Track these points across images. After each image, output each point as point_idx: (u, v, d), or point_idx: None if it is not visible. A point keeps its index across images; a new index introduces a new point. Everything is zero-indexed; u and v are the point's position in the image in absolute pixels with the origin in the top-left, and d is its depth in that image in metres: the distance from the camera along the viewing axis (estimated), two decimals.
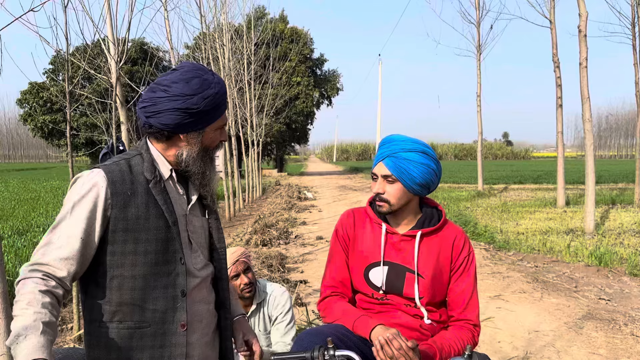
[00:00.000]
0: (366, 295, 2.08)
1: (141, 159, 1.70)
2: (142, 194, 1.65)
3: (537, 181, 25.73)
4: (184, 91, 1.63)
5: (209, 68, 1.77)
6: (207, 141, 1.74)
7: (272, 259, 7.30)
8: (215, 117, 1.72)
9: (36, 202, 15.46)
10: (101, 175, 1.61)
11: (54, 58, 31.51)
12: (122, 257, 1.61)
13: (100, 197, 1.59)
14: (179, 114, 1.64)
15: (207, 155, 1.76)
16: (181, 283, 1.68)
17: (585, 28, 9.60)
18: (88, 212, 1.57)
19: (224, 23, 14.62)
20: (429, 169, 1.99)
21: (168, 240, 1.66)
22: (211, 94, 1.66)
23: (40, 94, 33.71)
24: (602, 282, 6.59)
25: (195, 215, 1.80)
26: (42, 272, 1.50)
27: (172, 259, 1.67)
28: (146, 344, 1.63)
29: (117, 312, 1.61)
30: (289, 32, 37.28)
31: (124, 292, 1.61)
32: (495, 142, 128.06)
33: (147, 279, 1.62)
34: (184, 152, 1.71)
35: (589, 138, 9.72)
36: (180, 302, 1.67)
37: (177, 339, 1.67)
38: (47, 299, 1.44)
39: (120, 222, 1.60)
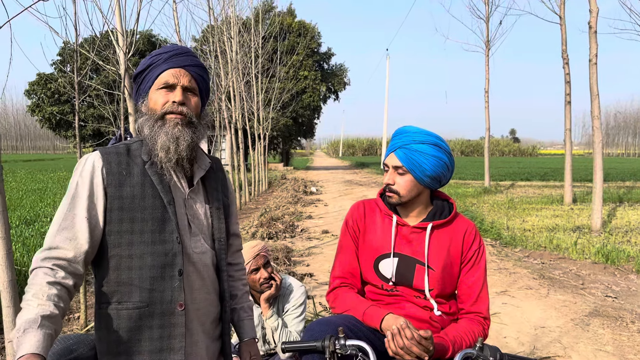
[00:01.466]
0: (375, 286, 2.08)
1: (141, 144, 1.73)
2: (137, 174, 1.67)
3: (544, 178, 25.63)
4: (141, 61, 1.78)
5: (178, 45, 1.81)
6: (151, 104, 1.72)
7: (278, 252, 7.32)
8: (152, 77, 1.72)
9: (44, 193, 15.54)
10: (98, 156, 1.66)
11: (62, 49, 31.60)
12: (119, 236, 1.62)
13: (97, 176, 1.63)
14: (134, 85, 1.76)
15: (151, 118, 1.70)
16: (178, 263, 1.68)
17: (596, 24, 9.52)
18: (88, 191, 1.61)
19: (232, 16, 14.59)
20: (441, 162, 1.98)
21: (164, 220, 1.67)
22: (151, 54, 1.75)
23: (49, 85, 33.82)
24: (608, 279, 6.56)
25: (197, 201, 1.79)
26: (52, 260, 1.53)
27: (169, 239, 1.67)
28: (145, 323, 1.64)
29: (116, 292, 1.63)
30: (296, 26, 37.19)
31: (121, 272, 1.63)
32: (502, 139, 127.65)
33: (144, 258, 1.63)
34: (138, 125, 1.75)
35: (597, 135, 9.66)
36: (177, 281, 1.67)
37: (175, 319, 1.68)
38: (53, 290, 1.47)
39: (116, 200, 1.63)
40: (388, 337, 1.74)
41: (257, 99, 19.32)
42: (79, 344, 1.71)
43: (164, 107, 1.68)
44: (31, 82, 34.81)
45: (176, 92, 1.69)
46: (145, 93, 1.74)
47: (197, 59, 1.79)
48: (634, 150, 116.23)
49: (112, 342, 1.63)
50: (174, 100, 1.68)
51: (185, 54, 1.75)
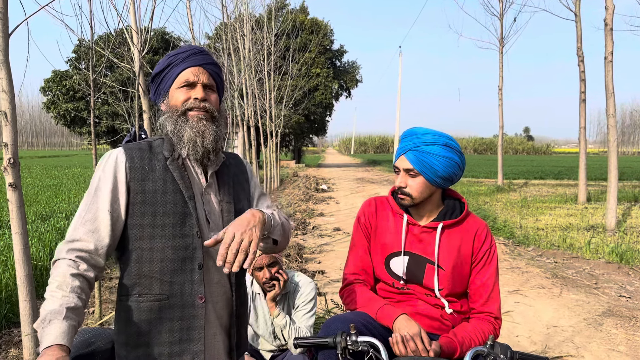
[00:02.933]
0: (387, 284, 2.09)
1: (162, 141, 1.78)
2: (159, 170, 1.71)
3: (558, 177, 25.39)
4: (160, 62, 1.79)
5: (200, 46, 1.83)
6: (172, 101, 1.76)
7: (290, 249, 7.35)
8: (173, 77, 1.76)
9: (59, 189, 15.72)
10: (121, 152, 1.71)
11: (77, 47, 31.87)
12: (141, 229, 1.66)
13: (120, 170, 1.67)
14: (152, 85, 1.77)
15: (174, 114, 1.74)
16: (198, 256, 1.72)
17: (612, 21, 9.41)
18: (111, 185, 1.65)
19: (245, 13, 14.63)
20: (452, 162, 1.97)
21: (185, 214, 1.71)
22: (165, 57, 1.77)
23: (64, 82, 34.14)
24: (622, 279, 6.50)
25: (212, 195, 1.83)
26: (75, 251, 1.57)
27: (189, 233, 1.71)
28: (165, 316, 1.68)
29: (136, 285, 1.67)
30: (309, 23, 37.16)
31: (142, 265, 1.67)
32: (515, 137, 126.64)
33: (165, 251, 1.67)
34: (160, 120, 1.79)
35: (612, 133, 9.56)
36: (197, 275, 1.71)
37: (195, 311, 1.71)
38: (77, 282, 1.51)
39: (139, 194, 1.67)
40: (393, 339, 1.75)
41: (270, 96, 19.35)
42: (96, 337, 1.75)
43: (186, 104, 1.73)
44: (47, 79, 35.17)
45: (197, 89, 1.74)
46: (166, 92, 1.78)
47: (212, 57, 1.84)
48: None
49: (132, 334, 1.67)
50: (196, 97, 1.73)
51: (202, 53, 1.79)
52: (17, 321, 4.57)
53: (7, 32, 2.99)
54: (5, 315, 4.64)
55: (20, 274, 3.17)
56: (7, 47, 3.00)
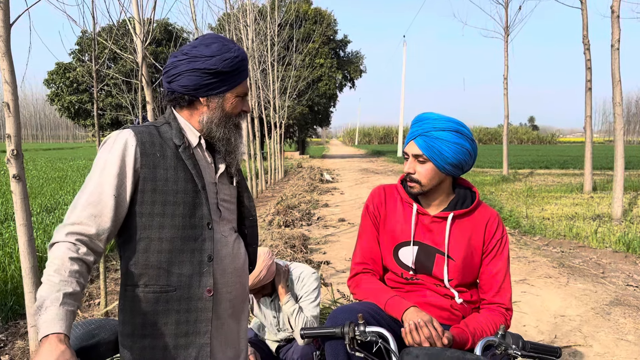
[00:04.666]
0: (395, 274, 2.06)
1: (169, 127, 1.73)
2: (171, 157, 1.67)
3: (563, 166, 25.27)
4: (203, 53, 1.67)
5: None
6: (228, 107, 1.74)
7: (294, 240, 7.33)
8: (235, 83, 1.73)
9: (63, 181, 15.76)
10: (131, 134, 1.64)
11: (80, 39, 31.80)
12: (150, 218, 1.62)
13: (129, 154, 1.61)
14: (198, 74, 1.66)
15: (230, 121, 1.76)
16: (208, 248, 1.69)
17: (619, 8, 9.29)
18: (118, 169, 1.59)
19: (248, 3, 14.54)
20: (463, 149, 1.92)
21: (195, 205, 1.67)
22: (230, 57, 1.68)
23: (67, 74, 34.15)
24: (630, 268, 6.46)
25: (224, 183, 1.81)
26: (75, 235, 1.51)
27: (200, 224, 1.68)
28: (172, 307, 1.65)
29: (143, 275, 1.63)
30: (312, 13, 36.96)
31: (150, 255, 1.63)
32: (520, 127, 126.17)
33: (174, 242, 1.64)
34: (205, 116, 1.73)
35: (618, 122, 9.47)
36: (206, 267, 1.69)
37: (203, 303, 1.69)
38: (75, 266, 1.46)
39: (149, 182, 1.62)
40: (406, 329, 1.73)
41: (273, 87, 19.28)
42: (100, 329, 1.73)
43: (240, 116, 1.80)
44: (50, 71, 35.17)
45: (247, 103, 1.81)
46: (221, 93, 1.73)
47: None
48: None
49: (137, 325, 1.64)
50: (246, 111, 1.81)
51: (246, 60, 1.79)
52: (23, 313, 4.58)
53: (8, 22, 2.96)
54: (11, 307, 4.65)
55: (25, 265, 3.16)
56: (8, 38, 2.96)
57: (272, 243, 7.10)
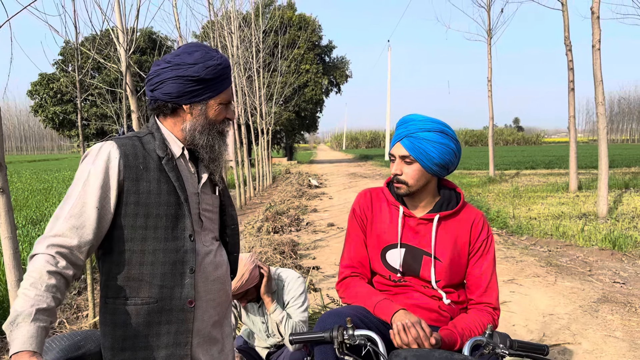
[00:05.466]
0: (383, 276, 2.06)
1: (152, 138, 1.72)
2: (154, 169, 1.66)
3: (548, 166, 25.52)
4: (186, 60, 1.67)
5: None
6: (211, 114, 1.74)
7: (284, 246, 7.32)
8: (218, 90, 1.73)
9: (49, 193, 15.59)
10: (114, 146, 1.63)
11: (63, 49, 31.61)
12: (132, 230, 1.61)
13: (113, 167, 1.60)
14: (181, 82, 1.66)
15: (214, 129, 1.76)
16: (190, 260, 1.68)
17: (599, 9, 9.43)
18: (102, 181, 1.58)
19: (232, 10, 14.54)
20: (448, 149, 1.95)
21: (178, 217, 1.67)
22: (213, 64, 1.69)
23: (51, 85, 33.86)
24: (616, 265, 6.53)
25: (206, 193, 1.81)
26: (56, 247, 1.49)
27: (182, 236, 1.67)
28: (153, 319, 1.64)
29: (124, 287, 1.62)
30: (297, 19, 37.06)
31: (132, 267, 1.62)
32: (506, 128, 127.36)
33: (156, 254, 1.63)
34: (188, 124, 1.73)
35: (601, 121, 9.60)
36: (188, 278, 1.68)
37: (184, 315, 1.68)
38: (53, 280, 1.44)
39: (132, 195, 1.61)
40: (394, 330, 1.73)
41: (259, 93, 19.27)
42: (86, 340, 1.72)
43: (224, 123, 1.80)
44: (33, 82, 34.84)
45: (231, 110, 1.81)
46: (204, 100, 1.72)
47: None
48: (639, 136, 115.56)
49: (117, 338, 1.63)
50: (230, 119, 1.81)
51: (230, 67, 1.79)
52: None
53: None
54: None
55: (10, 279, 3.12)
56: None
57: (261, 250, 7.08)
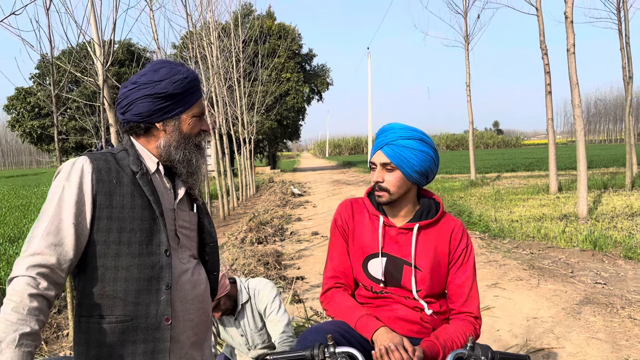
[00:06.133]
0: (365, 288, 2.06)
1: (126, 154, 1.70)
2: (128, 184, 1.64)
3: (529, 168, 25.83)
4: (152, 78, 1.66)
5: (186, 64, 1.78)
6: (185, 128, 1.73)
7: (268, 257, 7.27)
8: (189, 103, 1.72)
9: (27, 209, 15.32)
10: (87, 161, 1.61)
11: (40, 62, 31.24)
12: (105, 246, 1.58)
13: (86, 182, 1.58)
14: (149, 100, 1.65)
15: (190, 142, 1.75)
16: (166, 276, 1.65)
17: (572, 14, 9.60)
18: (76, 197, 1.55)
19: (211, 21, 14.51)
20: (428, 157, 1.97)
21: (153, 232, 1.64)
22: (180, 79, 1.68)
23: (28, 99, 33.43)
24: (597, 266, 6.61)
25: (183, 209, 1.78)
26: (36, 268, 1.46)
27: (157, 251, 1.64)
28: (128, 338, 1.60)
29: (98, 305, 1.58)
30: (276, 28, 37.12)
31: (106, 284, 1.58)
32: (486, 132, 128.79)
33: (130, 270, 1.60)
34: (162, 141, 1.71)
35: (579, 123, 9.74)
36: (164, 295, 1.64)
37: (160, 333, 1.64)
38: (35, 303, 1.42)
39: (105, 209, 1.58)
40: (377, 353, 1.72)
41: (241, 103, 19.23)
42: None
43: (199, 136, 1.78)
44: (10, 97, 34.37)
45: (205, 122, 1.80)
46: (174, 115, 1.71)
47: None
48: (616, 136, 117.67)
49: (91, 357, 1.58)
50: (206, 130, 1.79)
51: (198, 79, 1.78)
52: None
53: None
54: None
55: None
56: None
57: (244, 261, 7.03)
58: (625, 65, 14.32)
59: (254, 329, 2.91)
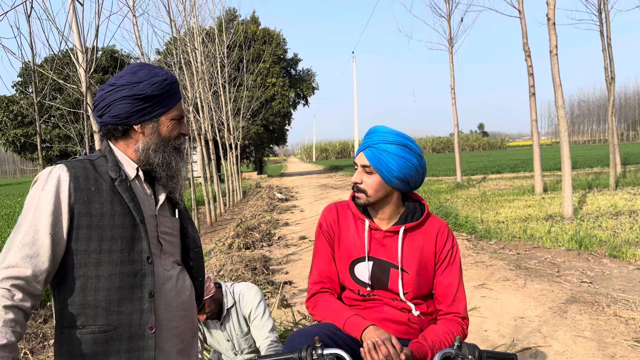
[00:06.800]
0: (352, 291, 2.05)
1: (105, 160, 1.67)
2: (107, 191, 1.61)
3: (514, 170, 26.07)
4: (130, 80, 1.64)
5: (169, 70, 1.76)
6: (164, 131, 1.71)
7: (255, 262, 7.24)
8: (168, 106, 1.70)
9: (11, 218, 15.12)
10: (64, 169, 1.59)
11: (23, 70, 30.92)
12: (86, 255, 1.56)
13: (63, 190, 1.55)
14: (127, 102, 1.63)
15: (168, 145, 1.73)
16: (149, 284, 1.63)
17: (554, 16, 9.72)
18: (53, 206, 1.53)
19: (195, 27, 14.47)
20: (409, 163, 1.95)
21: (134, 239, 1.62)
22: (158, 80, 1.66)
23: (10, 108, 33.01)
24: (583, 265, 6.68)
25: (165, 215, 1.76)
26: (10, 280, 1.44)
27: (139, 259, 1.62)
28: (112, 348, 1.58)
29: (80, 315, 1.56)
30: (261, 34, 37.11)
31: (87, 294, 1.56)
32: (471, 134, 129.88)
33: (112, 279, 1.57)
34: (141, 144, 1.69)
35: (562, 124, 9.85)
36: (147, 303, 1.62)
37: (145, 342, 1.62)
38: (10, 315, 1.40)
39: (84, 218, 1.56)
40: (364, 349, 1.72)
41: (226, 108, 19.18)
42: None
43: (178, 139, 1.76)
44: None
45: (184, 125, 1.78)
46: (153, 117, 1.69)
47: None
48: (599, 136, 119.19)
49: None
50: (185, 134, 1.78)
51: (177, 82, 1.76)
52: None
53: None
54: None
55: None
56: None
57: (232, 267, 6.99)
58: (607, 66, 14.53)
59: (239, 333, 2.89)
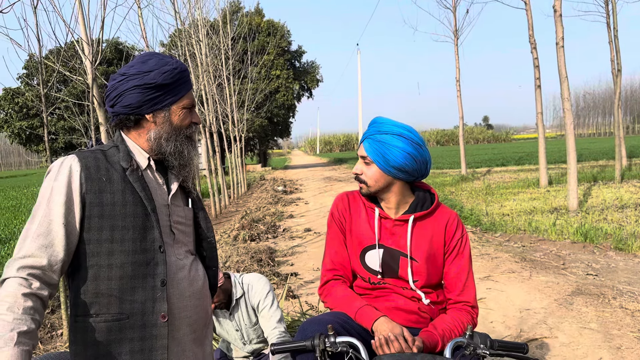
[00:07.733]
0: (363, 279, 2.07)
1: (117, 150, 1.69)
2: (118, 181, 1.62)
3: (519, 163, 26.00)
4: (141, 69, 1.65)
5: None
6: (176, 120, 1.72)
7: (261, 254, 7.27)
8: (179, 94, 1.71)
9: (18, 210, 15.21)
10: (75, 160, 1.60)
11: (28, 62, 30.94)
12: (98, 245, 1.57)
13: (75, 181, 1.57)
14: (138, 91, 1.64)
15: (180, 134, 1.74)
16: (161, 272, 1.64)
17: (560, 7, 9.66)
18: (65, 197, 1.55)
19: (199, 18, 14.44)
20: (405, 153, 1.95)
21: (146, 228, 1.63)
22: (169, 69, 1.67)
23: (16, 100, 33.08)
24: (588, 258, 6.67)
25: (177, 205, 1.77)
26: (27, 269, 1.46)
27: (151, 248, 1.63)
28: (125, 336, 1.60)
29: (94, 304, 1.57)
30: (265, 25, 37.01)
31: (100, 283, 1.57)
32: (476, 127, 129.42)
33: (124, 268, 1.59)
34: (153, 133, 1.70)
35: (568, 117, 9.82)
36: (160, 292, 1.64)
37: (157, 330, 1.63)
38: (29, 302, 1.42)
39: (95, 207, 1.57)
40: (376, 342, 1.73)
41: (230, 101, 19.17)
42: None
43: (190, 128, 1.77)
44: None
45: (196, 114, 1.79)
46: (164, 106, 1.70)
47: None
48: (605, 129, 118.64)
49: (89, 357, 1.58)
50: (196, 123, 1.78)
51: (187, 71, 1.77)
52: None
53: None
54: None
55: None
56: None
57: (238, 259, 7.02)
58: (613, 58, 14.44)
59: (248, 324, 2.92)
